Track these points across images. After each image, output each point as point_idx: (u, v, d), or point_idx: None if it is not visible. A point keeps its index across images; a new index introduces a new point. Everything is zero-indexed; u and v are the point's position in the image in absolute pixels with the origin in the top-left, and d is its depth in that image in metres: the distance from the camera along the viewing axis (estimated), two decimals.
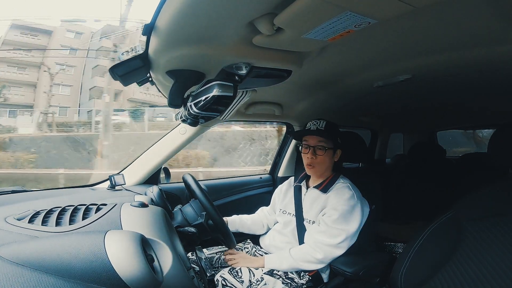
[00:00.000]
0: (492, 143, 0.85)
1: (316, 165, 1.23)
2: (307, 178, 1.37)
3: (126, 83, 0.88)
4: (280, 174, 1.97)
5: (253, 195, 1.86)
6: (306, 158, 1.25)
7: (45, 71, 14.91)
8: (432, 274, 0.78)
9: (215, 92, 0.82)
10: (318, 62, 0.97)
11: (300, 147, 1.29)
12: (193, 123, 1.05)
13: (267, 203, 1.52)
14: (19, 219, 0.68)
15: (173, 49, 0.76)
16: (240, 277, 1.10)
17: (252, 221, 1.43)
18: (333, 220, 1.15)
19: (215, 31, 0.69)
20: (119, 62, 0.80)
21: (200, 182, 1.13)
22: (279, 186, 1.48)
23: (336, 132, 1.26)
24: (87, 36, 17.41)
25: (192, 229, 1.02)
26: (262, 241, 1.40)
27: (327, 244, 1.14)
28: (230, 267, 1.15)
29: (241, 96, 1.09)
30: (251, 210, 1.55)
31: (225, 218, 1.34)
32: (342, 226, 1.14)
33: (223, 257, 1.27)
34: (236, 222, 1.40)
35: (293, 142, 1.92)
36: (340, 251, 1.15)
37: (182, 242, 0.93)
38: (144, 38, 0.74)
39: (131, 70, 0.83)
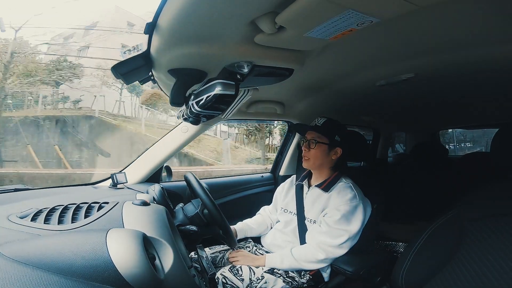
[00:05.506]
0: (495, 142, 0.84)
1: (310, 157, 1.27)
2: (309, 176, 1.36)
3: (128, 81, 0.88)
4: (282, 172, 1.97)
5: (255, 194, 1.86)
6: (302, 151, 1.30)
7: None
8: (433, 274, 0.77)
9: (216, 90, 0.82)
10: (320, 61, 0.97)
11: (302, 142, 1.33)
12: (195, 122, 1.05)
13: (268, 202, 1.52)
14: (21, 218, 0.69)
15: (175, 48, 0.76)
16: (241, 275, 1.10)
17: (258, 224, 1.43)
18: (335, 220, 1.14)
19: (217, 29, 0.69)
20: (121, 61, 0.79)
21: (201, 181, 1.13)
22: (281, 185, 1.48)
23: (333, 130, 1.25)
24: None
25: (194, 228, 1.02)
26: (263, 240, 1.40)
27: (330, 245, 1.14)
28: (230, 265, 1.15)
29: (242, 94, 1.08)
30: (252, 208, 1.55)
31: (232, 227, 1.33)
32: (344, 226, 1.14)
33: (226, 256, 1.27)
34: (244, 229, 1.39)
35: (295, 140, 1.92)
36: (342, 251, 1.15)
37: (184, 240, 0.93)
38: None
39: (133, 69, 0.83)
